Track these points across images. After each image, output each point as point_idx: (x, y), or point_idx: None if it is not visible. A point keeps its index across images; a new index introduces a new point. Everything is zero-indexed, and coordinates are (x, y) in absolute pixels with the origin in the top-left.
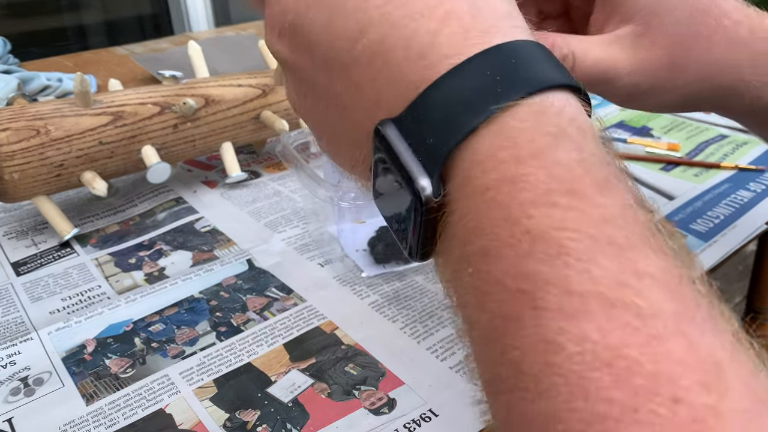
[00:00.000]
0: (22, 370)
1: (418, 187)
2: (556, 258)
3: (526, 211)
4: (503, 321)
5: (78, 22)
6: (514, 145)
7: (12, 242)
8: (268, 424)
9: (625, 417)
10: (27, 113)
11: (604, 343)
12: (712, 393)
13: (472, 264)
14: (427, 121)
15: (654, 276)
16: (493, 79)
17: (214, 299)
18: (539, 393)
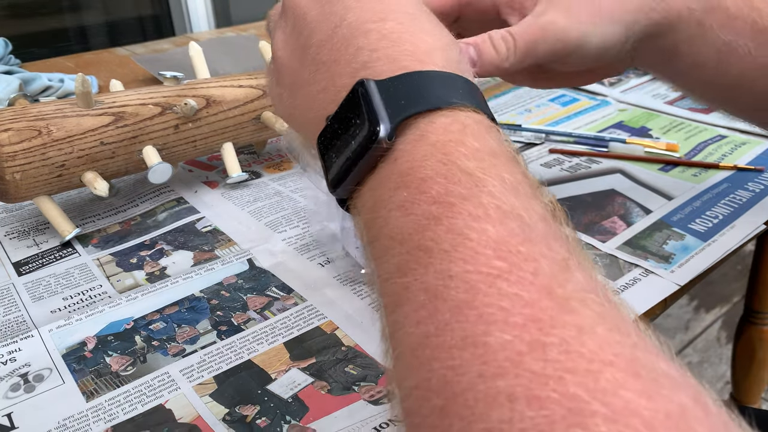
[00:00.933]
0: (22, 367)
1: (379, 127)
2: (474, 186)
3: (460, 158)
4: (426, 221)
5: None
6: (462, 125)
7: (13, 242)
8: (267, 417)
9: (502, 276)
10: (29, 114)
11: (496, 235)
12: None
13: (411, 187)
14: (405, 90)
15: (535, 209)
16: (456, 88)
17: (215, 298)
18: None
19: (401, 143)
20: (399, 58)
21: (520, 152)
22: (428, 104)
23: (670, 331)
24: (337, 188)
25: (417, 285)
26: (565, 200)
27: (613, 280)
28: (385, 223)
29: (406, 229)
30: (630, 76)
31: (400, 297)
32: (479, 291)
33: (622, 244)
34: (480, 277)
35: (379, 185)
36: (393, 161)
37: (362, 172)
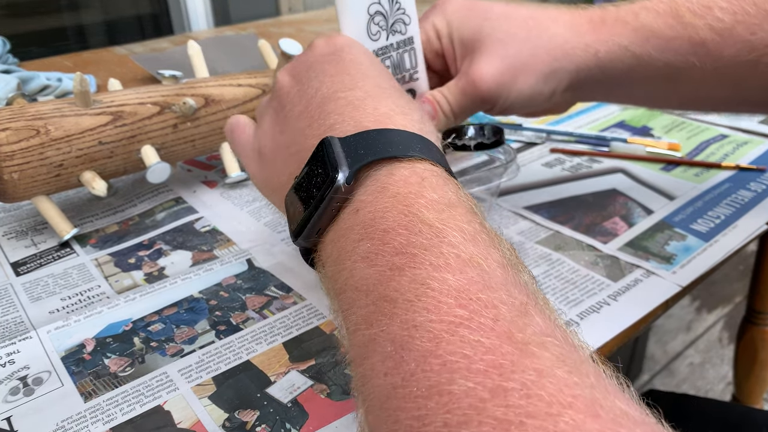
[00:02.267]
0: (21, 369)
1: (338, 174)
2: (434, 237)
3: (420, 210)
4: (390, 272)
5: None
6: (420, 177)
7: (11, 242)
8: (267, 423)
9: (463, 324)
10: (27, 113)
11: (456, 284)
12: (519, 318)
13: (374, 239)
14: (364, 143)
15: (494, 258)
16: (413, 143)
17: (214, 299)
18: (406, 314)
19: (362, 194)
20: (362, 120)
21: (473, 203)
22: (386, 153)
23: (672, 331)
24: (299, 237)
25: (383, 336)
26: (567, 200)
27: (614, 282)
28: (350, 274)
29: (371, 280)
30: None
31: (367, 348)
32: (442, 339)
33: (623, 245)
34: (443, 326)
35: (342, 237)
36: (354, 212)
37: (324, 221)
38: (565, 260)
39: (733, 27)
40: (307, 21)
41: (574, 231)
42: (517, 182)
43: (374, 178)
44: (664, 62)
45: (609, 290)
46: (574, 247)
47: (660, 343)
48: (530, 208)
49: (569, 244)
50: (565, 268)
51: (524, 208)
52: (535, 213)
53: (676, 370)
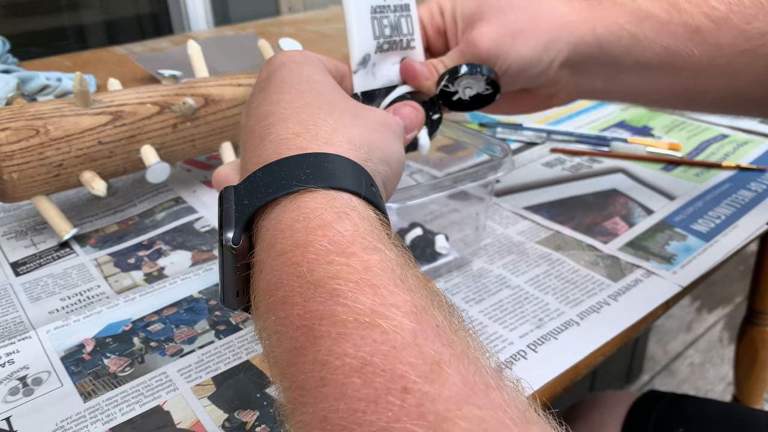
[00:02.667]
0: (20, 369)
1: (225, 235)
2: (328, 299)
3: (310, 268)
4: (294, 353)
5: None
6: (306, 219)
7: (11, 242)
8: (266, 423)
9: (369, 408)
10: (26, 113)
11: (358, 356)
12: (432, 383)
13: (274, 311)
14: (250, 189)
15: (399, 306)
16: (305, 171)
17: (214, 299)
18: (316, 404)
19: (259, 251)
20: (262, 154)
21: None
22: (267, 196)
23: (672, 331)
24: (224, 303)
25: (303, 428)
26: (567, 200)
27: (614, 282)
28: (269, 351)
29: (282, 362)
30: None
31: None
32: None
33: (623, 245)
34: (349, 416)
35: (257, 305)
36: (259, 273)
37: (236, 285)
38: (565, 260)
39: (727, 16)
40: (307, 21)
41: (574, 231)
42: (518, 182)
43: (266, 229)
44: (662, 46)
45: (609, 290)
46: (574, 247)
47: (660, 343)
48: (530, 208)
49: (569, 244)
50: (565, 268)
51: (524, 209)
52: (536, 213)
53: (677, 371)
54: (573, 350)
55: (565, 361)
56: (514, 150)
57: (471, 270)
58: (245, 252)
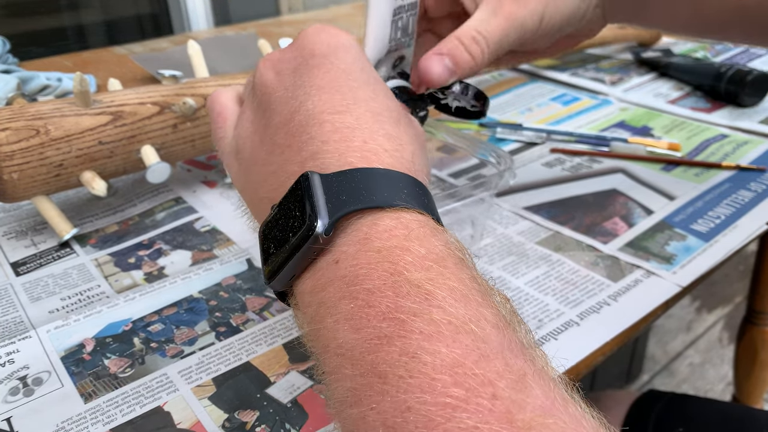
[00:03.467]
0: (20, 369)
1: (316, 223)
2: (423, 300)
3: (407, 268)
4: (378, 340)
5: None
6: (407, 228)
7: (11, 242)
8: (266, 424)
9: (460, 406)
10: (26, 113)
11: (451, 356)
12: (519, 393)
13: (358, 299)
14: (348, 186)
15: (488, 319)
16: (401, 188)
17: (214, 299)
18: (398, 393)
19: (343, 244)
20: (346, 153)
21: (468, 253)
22: (369, 203)
23: (672, 332)
24: (273, 280)
25: (374, 416)
26: (567, 200)
27: (614, 282)
28: (332, 336)
29: (357, 348)
30: (631, 75)
31: (357, 427)
32: (438, 425)
33: (623, 245)
34: (437, 409)
35: (321, 289)
36: (334, 263)
37: (298, 268)
38: (565, 261)
39: None
40: (307, 21)
41: (574, 231)
42: (518, 182)
43: (356, 227)
44: None
45: (609, 290)
46: (574, 247)
47: (660, 343)
48: (530, 209)
49: (569, 245)
50: (565, 268)
51: (524, 209)
52: (535, 213)
53: (676, 371)
54: (573, 351)
55: (565, 362)
56: (514, 150)
57: None
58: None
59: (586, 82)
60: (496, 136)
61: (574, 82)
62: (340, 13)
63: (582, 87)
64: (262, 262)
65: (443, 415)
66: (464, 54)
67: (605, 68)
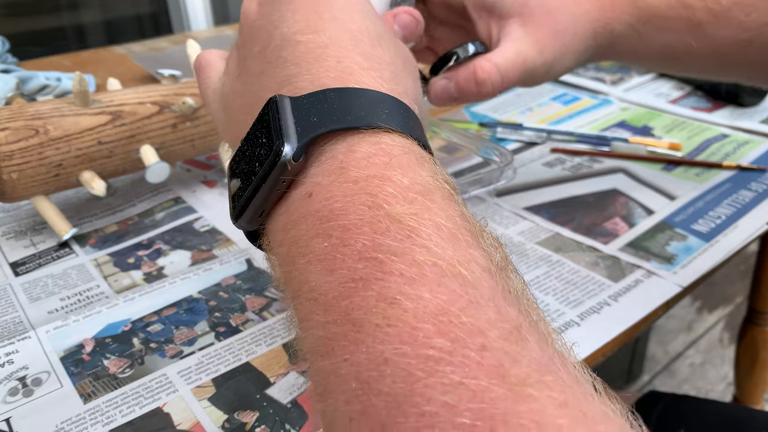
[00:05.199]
0: (20, 370)
1: (282, 146)
2: (406, 237)
3: (388, 201)
4: (353, 283)
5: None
6: (387, 155)
7: (10, 242)
8: (266, 424)
9: (443, 359)
10: (26, 113)
11: (434, 302)
12: (512, 344)
13: (332, 237)
14: (319, 107)
15: (478, 262)
16: (381, 108)
17: (213, 299)
18: (374, 343)
19: (317, 174)
20: (320, 74)
21: (458, 190)
22: (344, 122)
23: (673, 332)
24: (239, 218)
25: (347, 368)
26: (567, 200)
27: (614, 282)
28: (304, 279)
29: (330, 292)
30: (632, 75)
31: (328, 381)
32: (418, 381)
33: (624, 245)
34: (418, 362)
35: (293, 226)
36: (307, 197)
37: (268, 202)
38: (565, 261)
39: (729, 8)
40: None
41: (574, 233)
42: (518, 182)
43: (330, 154)
44: (663, 42)
45: (610, 291)
46: (574, 248)
47: (661, 343)
48: (530, 209)
49: (569, 246)
50: (565, 269)
51: (524, 209)
52: (536, 214)
53: (677, 371)
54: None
55: None
56: (515, 150)
57: None
58: (290, 171)
59: (587, 81)
60: (497, 136)
61: (575, 81)
62: None
63: (582, 87)
64: (230, 201)
65: (424, 369)
66: (472, 86)
67: (606, 68)
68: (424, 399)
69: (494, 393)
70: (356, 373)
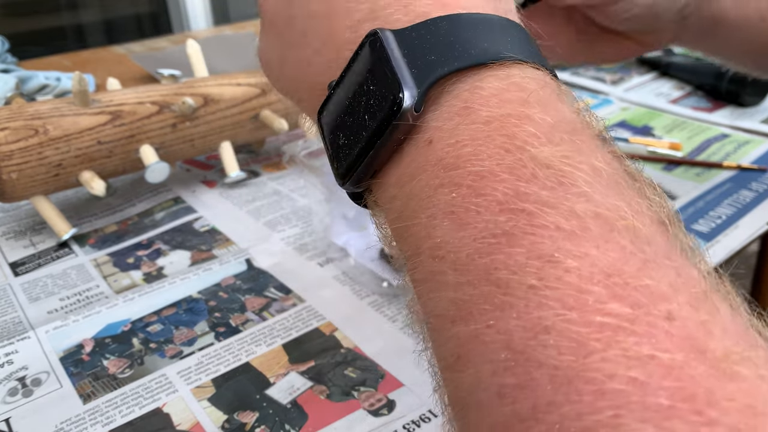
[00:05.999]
0: (19, 370)
1: (401, 95)
2: (558, 184)
3: (530, 142)
4: (494, 239)
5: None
6: (522, 90)
7: (10, 242)
8: (266, 425)
9: (622, 328)
10: (25, 112)
11: (604, 260)
12: (702, 313)
13: (461, 186)
14: (433, 42)
15: (647, 213)
16: (503, 35)
17: (213, 299)
18: (528, 308)
19: (436, 118)
20: (413, 2)
21: None
22: (469, 59)
23: None
24: (348, 179)
25: (493, 335)
26: None
27: None
28: (427, 235)
29: (463, 249)
30: (632, 74)
31: (465, 350)
32: (593, 352)
33: None
34: (591, 331)
35: (410, 178)
36: (427, 144)
37: (381, 159)
38: None
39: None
40: None
41: None
42: None
43: (452, 95)
44: (755, 8)
45: None
46: None
47: None
48: None
49: None
50: None
51: None
52: None
53: None
54: None
55: None
56: None
57: None
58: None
59: (587, 81)
60: None
61: (575, 81)
62: None
63: (582, 86)
64: (331, 158)
65: (600, 338)
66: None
67: (606, 67)
68: (605, 375)
69: (693, 369)
70: (506, 342)
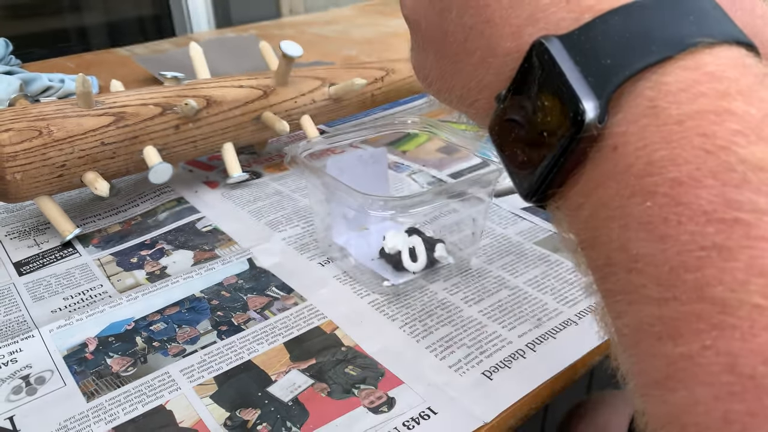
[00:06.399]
0: (23, 368)
1: (582, 108)
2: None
3: (736, 141)
4: (702, 252)
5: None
6: (717, 80)
7: (14, 242)
8: (268, 422)
9: None
10: (29, 114)
11: None
12: None
13: (656, 194)
14: (606, 43)
15: None
16: (687, 18)
17: (215, 298)
18: (754, 329)
19: (619, 123)
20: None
21: None
22: (650, 57)
23: None
24: (533, 198)
25: (711, 358)
26: None
27: None
28: (620, 246)
29: (665, 262)
30: None
31: (677, 370)
32: None
33: None
34: None
35: (596, 186)
36: (611, 151)
37: (565, 172)
38: (563, 261)
39: None
40: (308, 23)
41: None
42: None
43: (634, 93)
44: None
45: None
46: None
47: None
48: (529, 209)
49: None
50: (563, 268)
51: (523, 209)
52: (534, 214)
53: None
54: (571, 349)
55: (563, 360)
56: None
57: (470, 270)
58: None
59: None
60: None
61: None
62: (341, 15)
63: None
64: (512, 176)
65: None
66: None
67: None
68: None
69: None
70: (729, 366)
